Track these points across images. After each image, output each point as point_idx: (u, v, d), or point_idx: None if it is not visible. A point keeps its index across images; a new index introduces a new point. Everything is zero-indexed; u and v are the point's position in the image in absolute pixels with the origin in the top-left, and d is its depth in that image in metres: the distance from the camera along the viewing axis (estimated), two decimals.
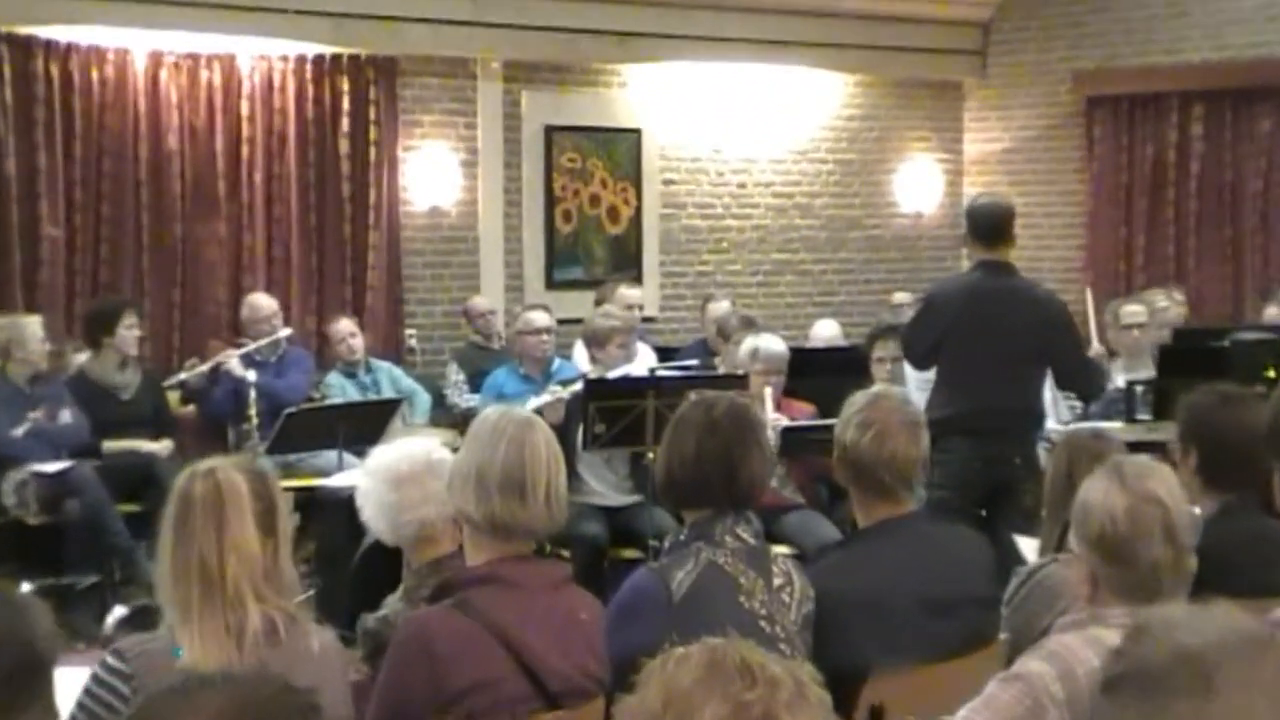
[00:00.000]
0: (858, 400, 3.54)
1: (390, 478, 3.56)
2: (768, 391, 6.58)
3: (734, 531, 3.22)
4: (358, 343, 8.30)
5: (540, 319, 7.74)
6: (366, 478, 3.63)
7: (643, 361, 7.83)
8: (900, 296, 10.19)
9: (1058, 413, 7.21)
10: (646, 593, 3.14)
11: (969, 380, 5.84)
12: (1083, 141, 11.05)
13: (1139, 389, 7.64)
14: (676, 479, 3.28)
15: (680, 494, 3.32)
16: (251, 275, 9.07)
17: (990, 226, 5.98)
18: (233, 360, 7.70)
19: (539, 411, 6.32)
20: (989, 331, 5.82)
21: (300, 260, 9.25)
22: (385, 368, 8.47)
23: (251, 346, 7.92)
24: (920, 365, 6.27)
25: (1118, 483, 2.60)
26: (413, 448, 3.60)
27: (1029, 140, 11.42)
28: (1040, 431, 6.17)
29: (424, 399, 8.40)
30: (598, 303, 8.66)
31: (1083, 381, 6.19)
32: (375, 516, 3.59)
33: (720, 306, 9.01)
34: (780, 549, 5.74)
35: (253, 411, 7.27)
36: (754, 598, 3.17)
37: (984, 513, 5.75)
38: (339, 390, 8.12)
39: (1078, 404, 7.92)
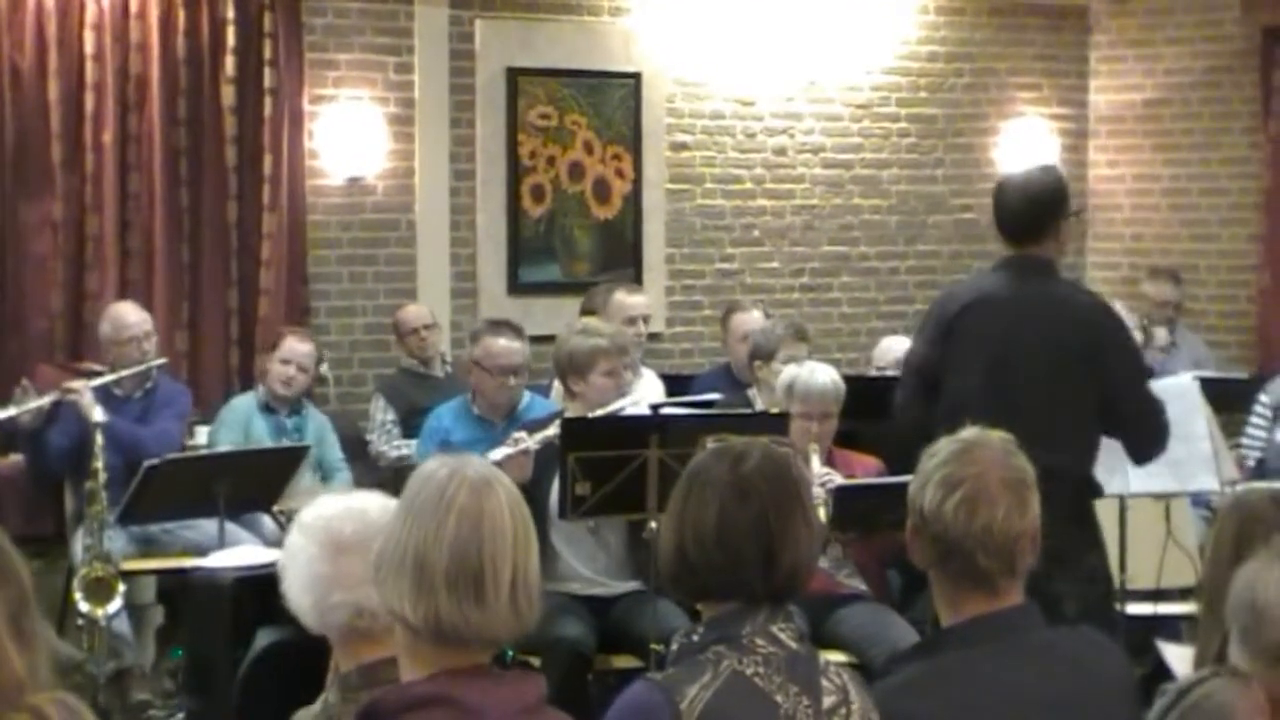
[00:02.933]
0: (942, 449, 3.53)
1: (328, 540, 3.56)
2: (811, 443, 6.59)
3: (768, 631, 3.21)
4: (299, 379, 8.30)
5: (509, 351, 7.57)
6: (298, 534, 3.64)
7: (644, 394, 7.84)
8: None
9: (1220, 470, 7.20)
10: (647, 714, 3.14)
11: (976, 424, 5.69)
12: (1257, 91, 11.07)
13: None
14: (691, 562, 3.27)
15: (696, 582, 3.31)
16: (98, 275, 9.08)
17: (1015, 213, 5.82)
18: (85, 395, 7.67)
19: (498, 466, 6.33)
20: (1008, 355, 5.68)
21: (166, 254, 9.25)
22: (321, 421, 8.44)
23: (111, 376, 7.91)
24: (908, 417, 5.86)
25: None
26: (366, 504, 3.62)
27: (1181, 89, 11.44)
28: (1084, 501, 5.95)
29: (344, 478, 8.35)
30: (584, 314, 8.66)
31: (1143, 431, 5.89)
32: (299, 590, 3.59)
33: (748, 319, 9.01)
34: (834, 655, 5.74)
35: (99, 464, 7.26)
36: None
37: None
38: (240, 421, 8.11)
39: (1252, 452, 7.92)
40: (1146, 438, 5.84)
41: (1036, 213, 5.82)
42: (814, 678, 3.24)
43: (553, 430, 6.41)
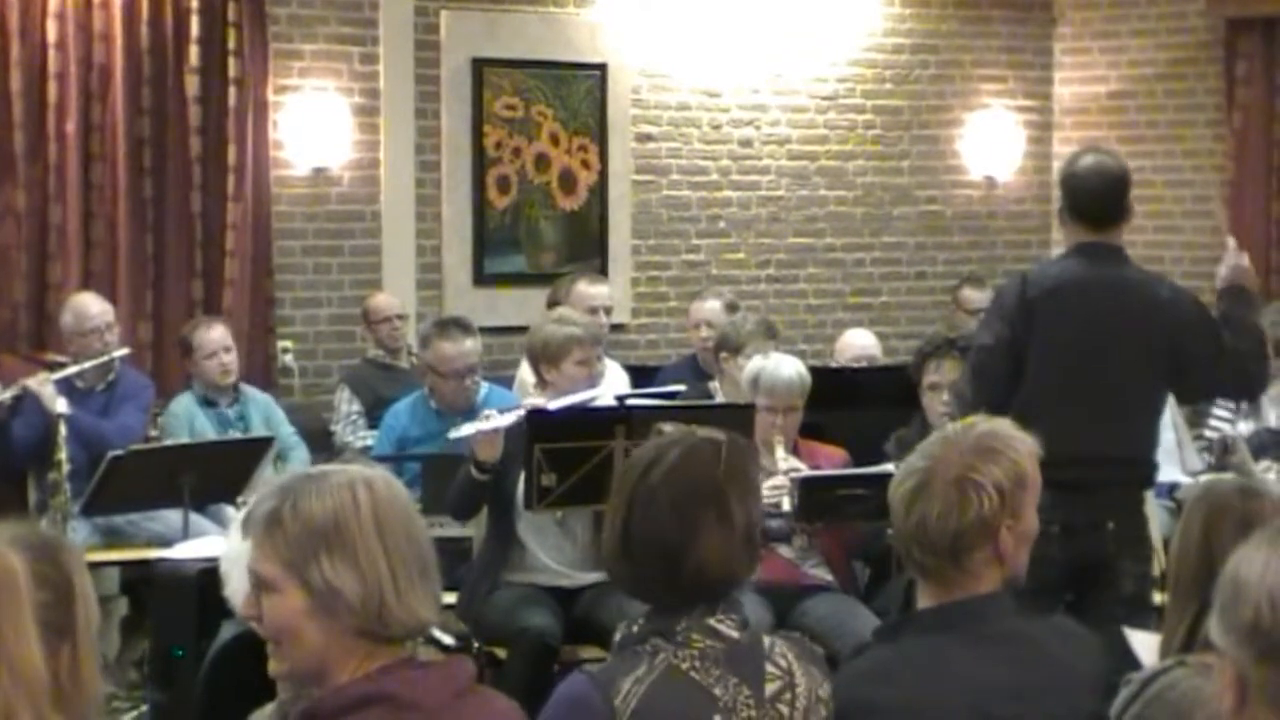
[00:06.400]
0: (934, 435, 3.59)
1: None
2: (776, 435, 6.60)
3: (705, 625, 3.21)
4: (233, 360, 8.28)
5: (460, 353, 7.67)
6: (238, 534, 3.61)
7: (611, 386, 7.83)
8: (970, 294, 10.22)
9: (1185, 460, 7.23)
10: (579, 707, 3.16)
11: (1054, 411, 5.72)
12: (1221, 82, 11.10)
13: None
14: (609, 562, 3.32)
15: (617, 582, 3.35)
16: (61, 265, 9.05)
17: (1098, 197, 5.86)
18: (47, 387, 7.65)
19: (465, 441, 6.35)
20: (1091, 343, 5.75)
21: (130, 244, 9.23)
22: (262, 401, 8.44)
23: (74, 369, 7.89)
24: (995, 401, 5.53)
25: None
26: None
27: (1145, 81, 11.47)
28: (1148, 488, 6.09)
29: (300, 456, 8.33)
30: (550, 305, 8.66)
31: (1239, 381, 6.01)
32: (244, 594, 3.57)
33: (704, 308, 9.01)
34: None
35: (62, 456, 7.24)
36: (735, 714, 3.18)
37: (1069, 599, 5.71)
38: (184, 424, 8.10)
39: (1212, 436, 7.94)
40: (1244, 377, 5.98)
41: (1118, 197, 5.87)
42: (757, 666, 3.24)
43: (523, 410, 6.41)
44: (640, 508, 3.23)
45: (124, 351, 8.15)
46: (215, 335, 8.29)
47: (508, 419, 6.42)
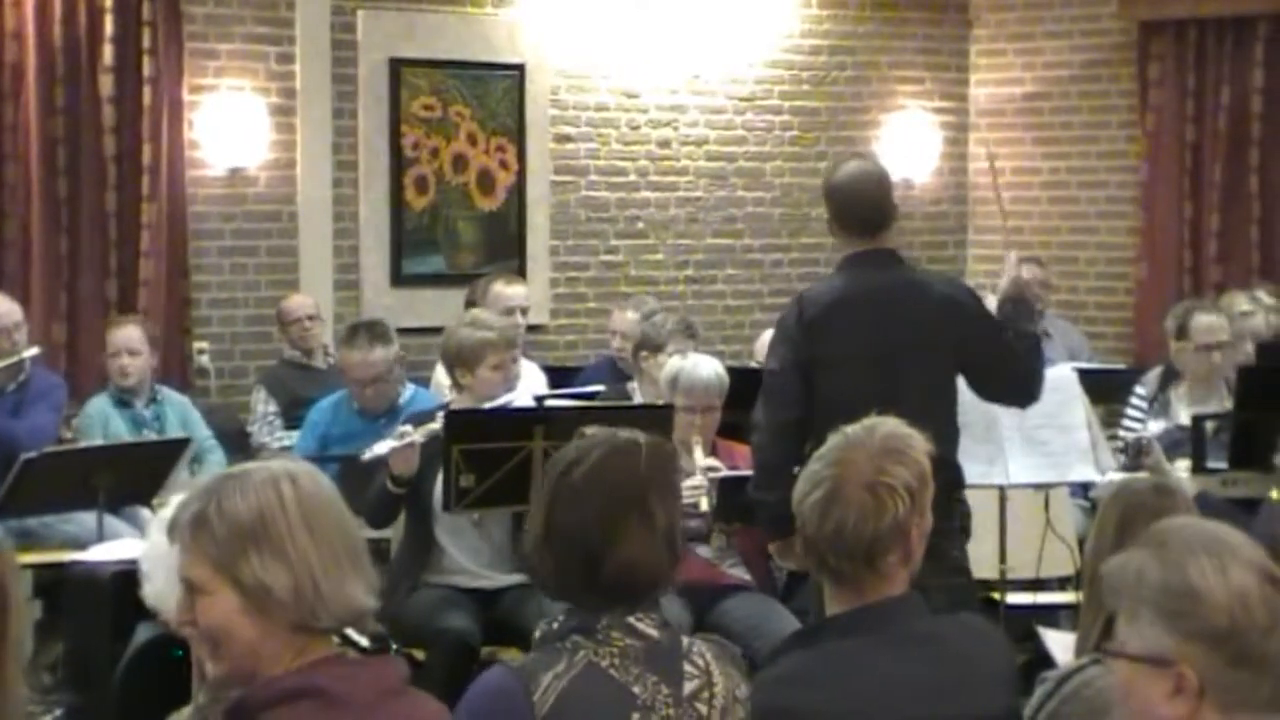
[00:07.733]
0: (833, 439, 3.55)
1: None
2: (695, 435, 6.59)
3: (625, 623, 3.22)
4: (134, 365, 8.18)
5: (365, 363, 7.64)
6: (160, 534, 3.58)
7: (528, 386, 7.82)
8: None
9: (1099, 460, 7.27)
10: (499, 699, 3.17)
11: (852, 421, 5.63)
12: (1134, 84, 11.19)
13: (1209, 425, 7.73)
14: (531, 560, 3.33)
15: (538, 580, 3.35)
16: None
17: (867, 205, 5.81)
18: None
19: (381, 459, 6.32)
20: (878, 350, 5.68)
21: (43, 244, 9.16)
22: (179, 403, 8.37)
23: None
24: (788, 421, 5.68)
25: (1229, 557, 2.62)
26: None
27: (1060, 83, 11.55)
28: (956, 489, 5.98)
29: (217, 459, 8.28)
30: (468, 305, 8.65)
31: (1018, 378, 5.92)
32: (165, 594, 3.54)
33: (622, 319, 9.05)
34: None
35: None
36: (653, 713, 3.18)
37: None
38: (98, 425, 8.04)
39: (1126, 437, 7.99)
40: (1025, 379, 5.89)
41: (886, 201, 5.85)
42: (675, 665, 3.25)
43: (438, 424, 6.37)
44: (562, 507, 3.24)
45: (34, 351, 8.08)
46: (119, 336, 8.20)
47: (423, 433, 6.39)
